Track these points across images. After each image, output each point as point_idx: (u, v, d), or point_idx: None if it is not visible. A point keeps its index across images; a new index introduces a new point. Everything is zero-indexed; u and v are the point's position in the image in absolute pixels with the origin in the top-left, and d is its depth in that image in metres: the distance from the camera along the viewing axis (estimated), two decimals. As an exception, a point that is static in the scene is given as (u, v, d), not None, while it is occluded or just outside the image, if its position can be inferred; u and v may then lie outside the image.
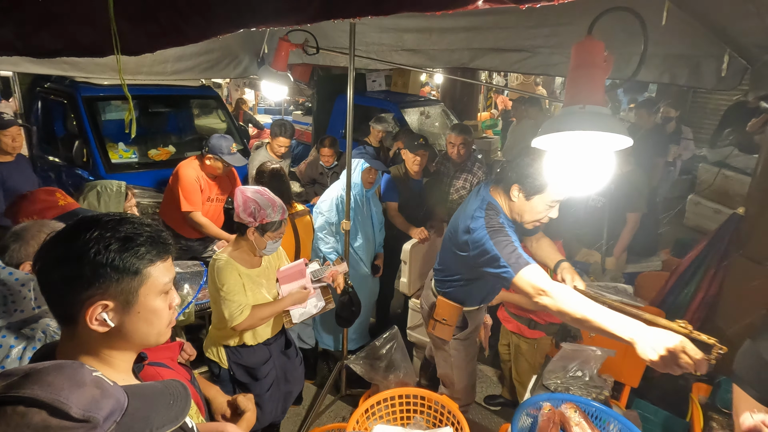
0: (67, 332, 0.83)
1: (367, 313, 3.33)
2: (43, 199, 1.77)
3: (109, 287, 0.79)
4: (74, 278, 0.78)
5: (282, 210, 1.95)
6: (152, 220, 0.88)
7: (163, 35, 1.09)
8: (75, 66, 2.76)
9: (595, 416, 1.67)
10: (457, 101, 7.26)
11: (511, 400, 2.95)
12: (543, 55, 2.82)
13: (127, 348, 0.87)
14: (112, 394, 0.67)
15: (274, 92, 3.09)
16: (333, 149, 4.04)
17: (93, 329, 0.80)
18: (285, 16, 0.88)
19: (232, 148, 3.06)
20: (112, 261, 0.78)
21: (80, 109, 3.99)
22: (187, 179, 3.06)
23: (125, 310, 0.82)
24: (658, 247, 3.74)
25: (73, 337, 0.82)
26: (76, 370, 0.67)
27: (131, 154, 4.21)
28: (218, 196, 3.27)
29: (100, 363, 0.84)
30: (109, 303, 0.80)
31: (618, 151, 1.14)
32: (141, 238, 0.82)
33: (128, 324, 0.83)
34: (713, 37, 2.26)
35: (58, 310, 0.81)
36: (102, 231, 0.79)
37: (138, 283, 0.82)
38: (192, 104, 5.24)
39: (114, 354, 0.85)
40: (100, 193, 2.18)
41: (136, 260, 0.81)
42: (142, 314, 0.84)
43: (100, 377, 0.68)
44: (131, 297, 0.82)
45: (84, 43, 1.24)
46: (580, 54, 1.07)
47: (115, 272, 0.79)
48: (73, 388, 0.63)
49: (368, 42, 3.22)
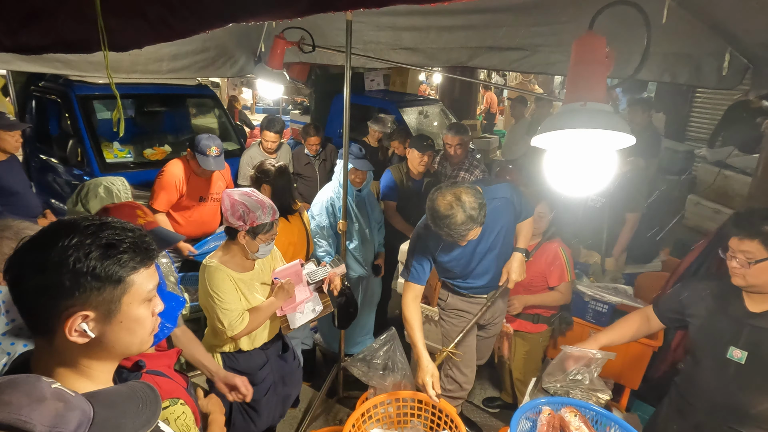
0: (43, 344, 0.78)
1: (370, 314, 3.30)
2: (127, 215, 1.59)
3: (89, 297, 0.74)
4: (52, 288, 0.73)
5: (272, 211, 1.89)
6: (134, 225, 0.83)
7: (151, 30, 1.06)
8: (68, 64, 2.72)
9: (595, 420, 1.64)
10: (456, 100, 7.23)
11: (510, 402, 2.93)
12: (542, 54, 2.80)
13: (107, 358, 0.82)
14: (76, 406, 0.63)
15: (271, 91, 3.06)
16: (318, 137, 4.03)
17: (72, 341, 0.75)
18: (276, 9, 0.85)
19: (210, 150, 2.95)
20: (93, 269, 0.73)
21: (74, 107, 3.95)
22: (164, 178, 3.00)
23: (107, 320, 0.77)
24: (658, 247, 3.71)
25: (49, 349, 0.78)
26: (33, 385, 0.62)
27: (126, 154, 4.17)
28: (213, 195, 3.20)
29: (78, 375, 0.79)
30: (89, 313, 0.75)
31: (618, 150, 1.12)
32: (124, 244, 0.77)
33: (110, 334, 0.78)
34: (714, 36, 2.23)
35: (33, 321, 0.77)
36: (81, 237, 0.74)
37: (121, 291, 0.77)
38: (188, 103, 5.20)
39: (93, 365, 0.80)
40: (110, 188, 2.17)
41: (119, 268, 0.76)
42: (125, 324, 0.79)
43: (60, 389, 0.64)
44: (113, 306, 0.77)
45: (71, 39, 1.21)
46: (581, 49, 1.04)
47: (96, 281, 0.74)
48: (34, 405, 0.59)
49: (366, 40, 3.19)
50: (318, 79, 6.29)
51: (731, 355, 1.54)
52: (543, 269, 2.45)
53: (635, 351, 2.48)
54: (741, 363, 1.52)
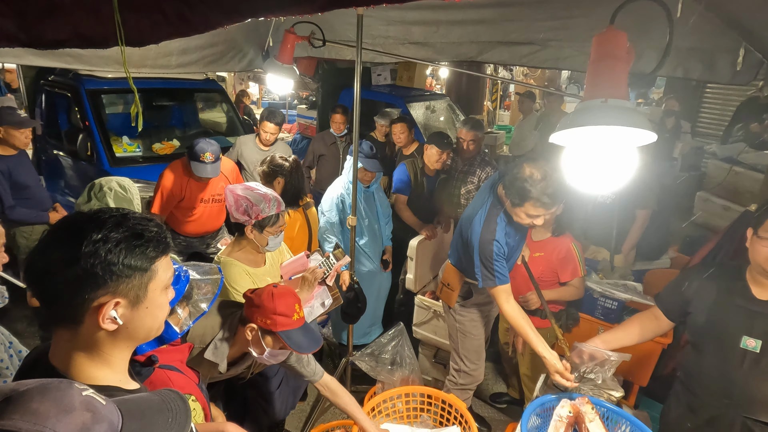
0: (65, 334, 0.80)
1: (378, 307, 3.31)
2: (286, 305, 1.52)
3: (120, 285, 0.78)
4: (84, 279, 0.75)
5: (277, 203, 1.90)
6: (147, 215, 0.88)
7: (168, 25, 1.06)
8: (78, 59, 2.73)
9: (606, 417, 1.64)
10: (463, 95, 7.19)
11: (517, 398, 2.93)
12: (553, 49, 2.77)
13: (127, 346, 0.85)
14: (104, 417, 0.62)
15: (280, 86, 3.05)
16: (345, 116, 4.05)
17: (103, 328, 0.78)
18: (295, 4, 0.84)
19: (204, 156, 2.88)
20: (125, 258, 0.77)
21: (84, 102, 3.98)
22: (162, 184, 2.99)
23: (134, 306, 0.81)
24: (667, 244, 3.69)
25: (72, 339, 0.80)
26: (64, 392, 0.60)
27: (135, 148, 4.20)
28: (214, 196, 3.17)
29: (100, 364, 0.82)
30: (120, 300, 0.78)
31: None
32: (148, 233, 0.81)
33: (135, 320, 0.82)
34: (729, 30, 2.20)
35: (60, 313, 0.78)
36: (109, 229, 0.77)
37: (147, 278, 0.81)
38: (196, 98, 5.21)
39: (115, 353, 0.83)
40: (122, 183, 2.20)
41: (146, 256, 0.80)
42: (150, 310, 0.83)
43: (91, 397, 0.63)
44: (141, 293, 0.81)
45: (87, 34, 1.21)
46: (602, 45, 1.02)
47: (127, 270, 0.78)
48: (61, 415, 0.57)
49: (375, 35, 3.17)
50: (325, 73, 6.27)
51: (745, 345, 1.50)
52: (554, 264, 2.43)
53: (644, 348, 2.47)
54: (756, 352, 1.49)
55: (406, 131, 3.89)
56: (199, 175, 2.94)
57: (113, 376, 0.83)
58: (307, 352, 1.53)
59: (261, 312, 1.47)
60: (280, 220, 1.92)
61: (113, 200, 2.27)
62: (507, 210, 1.92)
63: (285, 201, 2.61)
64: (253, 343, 1.50)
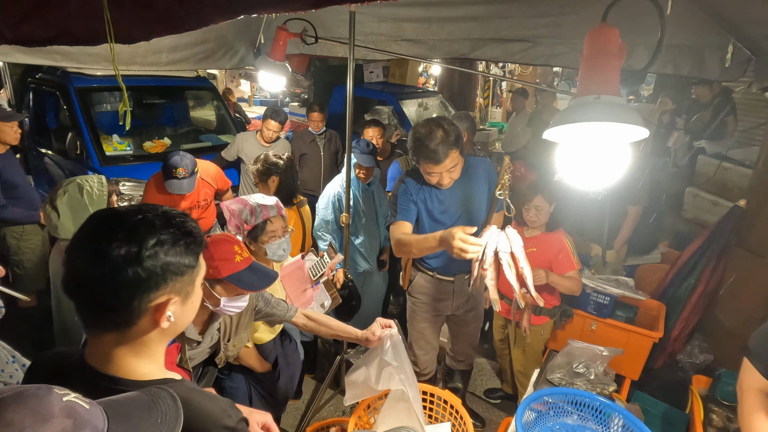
0: (111, 337, 0.79)
1: (375, 308, 3.31)
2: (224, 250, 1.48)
3: (176, 284, 0.79)
4: (145, 281, 0.75)
5: (262, 211, 1.85)
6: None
7: (158, 22, 1.05)
8: (67, 56, 2.69)
9: (599, 410, 1.66)
10: (455, 92, 7.20)
11: (510, 393, 2.95)
12: (545, 46, 2.78)
13: (168, 339, 0.87)
14: (87, 423, 0.58)
15: (272, 83, 3.03)
16: (322, 113, 4.05)
17: (159, 327, 0.79)
18: (287, 1, 0.84)
19: (176, 172, 2.80)
20: (180, 258, 0.79)
21: (73, 100, 3.93)
22: (149, 192, 2.98)
23: (184, 302, 0.82)
24: (658, 239, 3.73)
25: (119, 340, 0.79)
26: (41, 399, 0.56)
27: (126, 147, 4.15)
28: (201, 201, 3.16)
29: (146, 359, 0.82)
30: (175, 298, 0.80)
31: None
32: (195, 230, 0.83)
33: (182, 315, 0.83)
34: (717, 27, 2.23)
35: (112, 317, 0.77)
36: (160, 229, 0.78)
37: (195, 274, 0.83)
38: (187, 95, 5.17)
39: (160, 348, 0.85)
40: (82, 185, 2.09)
41: (194, 253, 0.82)
42: (194, 303, 0.85)
43: (73, 402, 0.59)
44: (190, 288, 0.83)
45: (76, 31, 1.20)
46: (595, 42, 1.03)
47: (183, 268, 0.79)
48: (38, 425, 0.54)
49: (367, 32, 3.16)
50: (317, 70, 6.25)
51: None
52: (549, 258, 2.43)
53: (636, 342, 2.50)
54: None
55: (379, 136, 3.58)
56: (174, 192, 2.88)
57: (159, 370, 0.84)
58: (260, 289, 1.50)
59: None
60: (268, 226, 1.86)
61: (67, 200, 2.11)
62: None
63: (280, 200, 2.61)
64: (206, 297, 1.45)
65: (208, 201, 3.20)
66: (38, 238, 3.03)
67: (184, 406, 0.77)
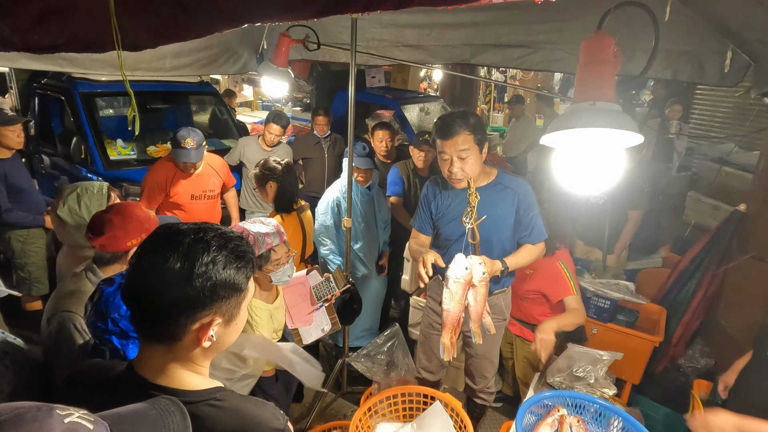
0: (160, 348, 0.82)
1: (374, 313, 3.32)
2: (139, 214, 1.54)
3: (221, 306, 0.80)
4: (193, 300, 0.77)
5: (265, 240, 1.76)
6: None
7: (165, 31, 1.08)
8: (72, 62, 2.72)
9: (599, 413, 1.67)
10: (457, 97, 7.22)
11: (510, 395, 2.95)
12: (545, 51, 2.81)
13: (213, 356, 0.88)
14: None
15: (275, 89, 3.06)
16: (327, 117, 4.06)
17: (201, 346, 0.81)
18: (292, 10, 0.86)
19: (185, 142, 2.86)
20: (230, 280, 0.79)
21: (78, 105, 3.96)
22: (147, 179, 2.99)
23: (228, 324, 0.83)
24: (659, 244, 3.74)
25: (167, 352, 0.82)
26: (42, 423, 0.52)
27: (130, 151, 4.19)
28: (206, 192, 3.15)
29: (193, 373, 0.85)
30: (218, 319, 0.81)
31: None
32: (247, 255, 0.84)
33: (225, 336, 0.85)
34: (716, 33, 2.24)
35: (160, 330, 0.80)
36: (216, 250, 0.79)
37: (242, 298, 0.84)
38: (190, 100, 5.21)
39: (205, 363, 0.86)
40: (81, 196, 2.09)
41: (245, 278, 0.83)
42: (238, 325, 0.86)
43: (75, 423, 0.55)
44: (235, 311, 0.84)
45: (84, 38, 1.23)
46: (590, 49, 1.05)
47: (230, 291, 0.80)
48: None
49: (368, 38, 3.19)
50: (319, 76, 6.29)
51: None
52: (540, 285, 2.36)
53: (636, 346, 2.51)
54: None
55: (389, 139, 3.57)
56: (181, 160, 2.91)
57: (204, 382, 0.86)
58: None
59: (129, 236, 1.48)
60: (272, 256, 1.79)
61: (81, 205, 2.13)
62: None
63: (280, 206, 2.60)
64: None
65: (215, 192, 3.22)
66: (42, 242, 3.06)
67: (238, 414, 0.81)
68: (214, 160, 3.24)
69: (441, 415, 1.83)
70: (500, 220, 1.98)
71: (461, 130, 1.81)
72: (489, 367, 2.32)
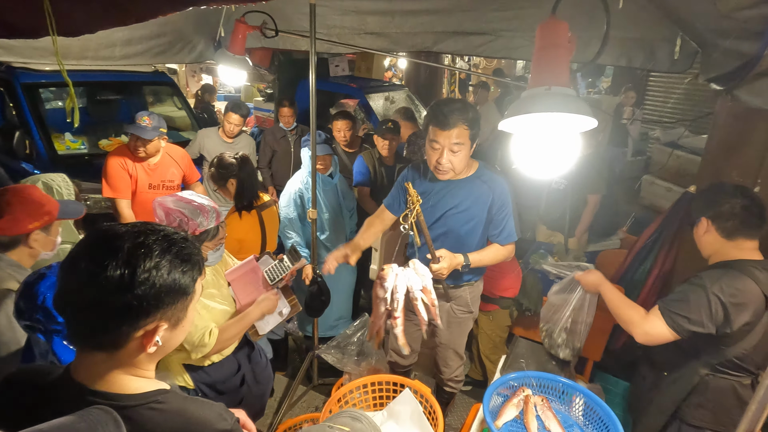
0: (100, 356, 0.77)
1: (346, 302, 3.30)
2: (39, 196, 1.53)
3: (166, 311, 0.77)
4: (136, 307, 0.72)
5: (215, 215, 1.71)
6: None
7: (104, 14, 1.01)
8: (10, 50, 2.53)
9: (561, 391, 1.72)
10: (422, 86, 7.24)
11: (479, 379, 3.02)
12: (505, 39, 2.83)
13: (156, 360, 0.85)
14: None
15: (233, 78, 2.96)
16: (292, 109, 3.98)
17: (146, 352, 0.78)
18: (238, -8, 0.82)
19: (141, 119, 2.82)
20: (175, 285, 0.76)
21: (20, 96, 3.72)
22: (109, 165, 2.89)
23: (174, 328, 0.81)
24: (617, 226, 3.89)
25: (108, 359, 0.78)
26: None
27: (80, 145, 3.97)
28: (165, 182, 3.05)
29: (136, 377, 0.81)
30: (164, 324, 0.78)
31: (580, 134, 1.16)
32: (194, 257, 0.80)
33: (172, 339, 0.82)
34: (667, 21, 2.32)
35: (101, 339, 0.76)
36: (159, 255, 0.75)
37: (189, 300, 0.81)
38: (145, 91, 4.98)
39: (150, 366, 0.84)
40: (50, 185, 1.99)
41: (191, 281, 0.80)
42: (185, 327, 0.84)
43: None
44: (182, 315, 0.81)
45: (15, 23, 1.13)
46: (545, 34, 1.06)
47: (175, 295, 0.77)
48: None
49: (330, 25, 3.13)
50: (281, 64, 6.14)
51: None
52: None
53: (597, 323, 2.60)
54: None
55: (347, 128, 3.54)
56: (137, 134, 2.82)
57: (147, 384, 0.83)
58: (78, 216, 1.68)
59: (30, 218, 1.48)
60: (220, 232, 1.75)
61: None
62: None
63: (242, 205, 2.52)
64: (45, 247, 1.52)
65: (175, 183, 3.11)
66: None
67: (181, 415, 0.79)
68: (175, 151, 3.13)
69: (411, 401, 1.85)
70: (471, 215, 1.97)
71: (459, 123, 1.77)
72: (454, 356, 2.35)
